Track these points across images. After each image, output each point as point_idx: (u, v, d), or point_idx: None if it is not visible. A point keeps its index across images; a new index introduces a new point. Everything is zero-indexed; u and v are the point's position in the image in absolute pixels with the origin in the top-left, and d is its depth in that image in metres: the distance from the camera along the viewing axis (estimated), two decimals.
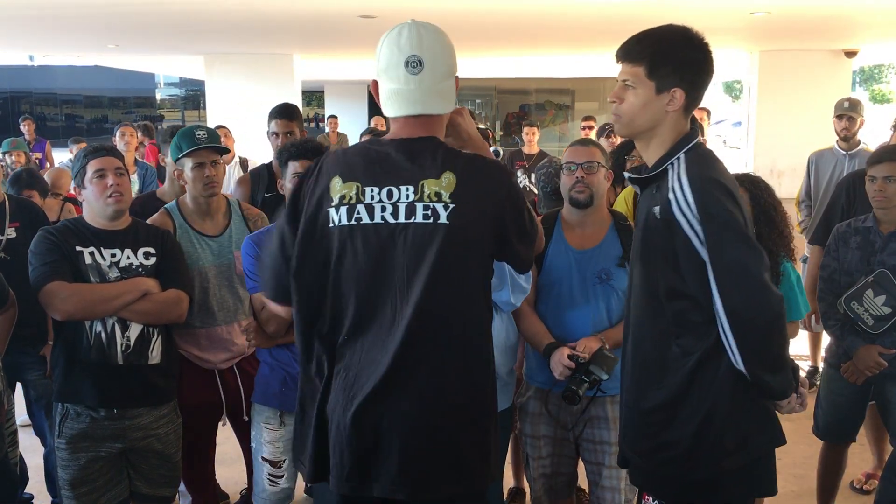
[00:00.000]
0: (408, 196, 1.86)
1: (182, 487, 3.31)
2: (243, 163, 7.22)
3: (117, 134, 7.33)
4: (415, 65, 1.88)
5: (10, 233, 3.48)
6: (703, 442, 2.01)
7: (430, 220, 1.85)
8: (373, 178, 1.89)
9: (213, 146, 3.06)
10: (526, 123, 8.29)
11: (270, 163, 4.04)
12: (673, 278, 1.99)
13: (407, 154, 1.89)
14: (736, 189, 2.01)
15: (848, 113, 5.15)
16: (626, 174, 2.18)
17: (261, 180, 3.94)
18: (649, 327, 2.08)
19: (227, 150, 3.20)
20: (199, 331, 3.08)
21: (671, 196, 1.95)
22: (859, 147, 5.20)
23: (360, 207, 1.88)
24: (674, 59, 1.98)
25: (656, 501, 2.20)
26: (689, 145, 2.01)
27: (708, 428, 2.00)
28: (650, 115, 2.01)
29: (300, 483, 2.97)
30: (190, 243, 3.07)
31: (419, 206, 1.85)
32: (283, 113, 3.98)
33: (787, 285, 2.84)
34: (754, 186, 2.88)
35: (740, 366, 1.93)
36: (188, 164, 3.04)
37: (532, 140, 7.86)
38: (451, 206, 1.85)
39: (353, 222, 1.88)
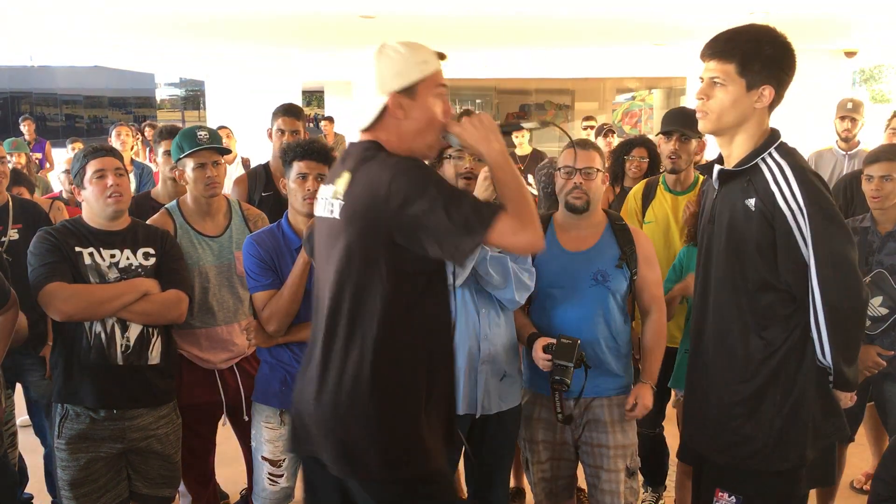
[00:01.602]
0: (331, 193, 2.01)
1: (182, 487, 3.31)
2: (245, 163, 7.23)
3: (113, 134, 7.33)
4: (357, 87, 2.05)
5: (13, 234, 3.49)
6: (790, 433, 2.05)
7: (332, 216, 1.99)
8: (329, 175, 2.10)
9: (214, 147, 3.06)
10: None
11: (267, 163, 4.05)
12: (765, 270, 2.04)
13: (344, 155, 2.05)
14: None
15: (850, 114, 5.16)
16: (716, 167, 2.20)
17: (258, 180, 3.95)
18: (734, 320, 2.12)
19: (228, 151, 3.20)
20: (199, 331, 3.09)
21: (774, 188, 2.02)
22: (859, 147, 5.21)
23: (319, 202, 2.09)
24: (764, 57, 2.06)
25: (732, 497, 2.18)
26: (779, 141, 2.10)
27: (795, 419, 2.05)
28: (739, 111, 2.09)
29: (300, 483, 2.97)
30: (190, 243, 3.07)
31: (333, 202, 1.99)
32: (290, 111, 4.02)
33: None
34: None
35: (826, 356, 1.99)
36: (189, 164, 3.05)
37: (521, 142, 7.86)
38: (342, 203, 1.95)
39: (316, 214, 2.11)
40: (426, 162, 2.04)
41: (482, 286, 2.68)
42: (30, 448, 3.82)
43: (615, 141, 7.71)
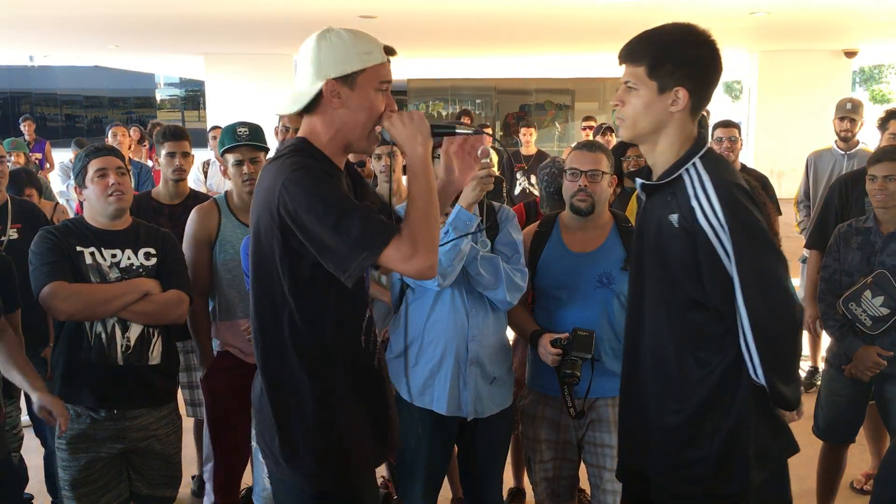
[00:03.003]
0: None
1: (208, 486, 3.31)
2: None
3: (109, 134, 7.34)
4: (295, 68, 1.97)
5: (13, 233, 3.49)
6: (732, 456, 1.97)
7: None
8: None
9: (252, 144, 3.11)
10: (523, 124, 8.22)
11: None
12: (693, 289, 1.94)
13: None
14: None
15: (850, 115, 5.15)
16: (638, 181, 2.09)
17: None
18: (668, 339, 2.02)
19: (267, 148, 3.21)
20: (241, 321, 3.07)
21: (694, 204, 1.89)
22: (858, 147, 5.21)
23: None
24: (675, 57, 1.92)
25: None
26: (703, 150, 1.96)
27: (735, 441, 1.96)
28: (653, 116, 1.95)
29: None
30: (234, 234, 3.11)
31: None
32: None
33: None
34: (755, 180, 2.88)
35: (759, 377, 1.90)
36: (230, 160, 3.12)
37: (529, 141, 7.83)
38: (253, 204, 1.95)
39: None
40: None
41: (473, 286, 2.66)
42: (30, 448, 3.82)
43: (614, 140, 7.70)
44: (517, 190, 7.23)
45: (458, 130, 2.07)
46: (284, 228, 1.80)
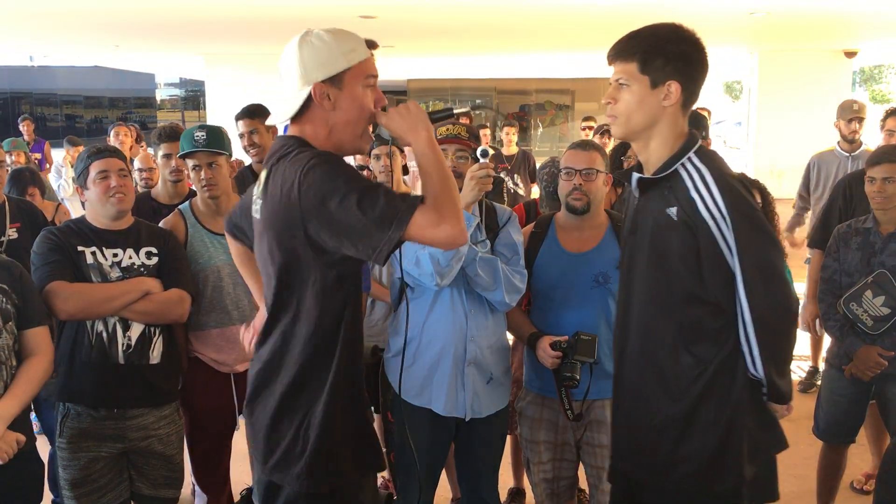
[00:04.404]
0: (256, 192, 1.98)
1: (197, 489, 3.31)
2: (238, 165, 7.21)
3: (111, 133, 7.34)
4: (280, 75, 1.95)
5: (12, 233, 3.50)
6: (726, 450, 1.96)
7: (256, 215, 1.97)
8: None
9: (208, 150, 3.04)
10: (505, 124, 8.26)
11: (251, 164, 4.13)
12: (691, 283, 1.94)
13: (269, 152, 1.97)
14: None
15: (858, 115, 5.13)
16: (634, 176, 2.09)
17: (245, 182, 3.96)
18: (661, 337, 2.01)
19: (224, 153, 3.17)
20: (213, 331, 3.08)
21: (694, 196, 1.90)
22: (861, 149, 5.20)
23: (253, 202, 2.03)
24: (666, 52, 1.94)
25: None
26: (698, 145, 1.97)
27: (730, 437, 1.96)
28: (647, 111, 1.96)
29: None
30: (202, 242, 3.07)
31: (257, 201, 1.96)
32: (246, 113, 4.19)
33: None
34: (752, 187, 2.88)
35: (758, 369, 1.91)
36: (189, 165, 3.07)
37: (511, 140, 7.86)
38: (260, 201, 1.92)
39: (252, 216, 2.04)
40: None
41: (472, 287, 2.66)
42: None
43: (611, 143, 7.70)
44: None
45: (455, 111, 2.09)
46: (306, 221, 1.77)
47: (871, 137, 5.51)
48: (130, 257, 2.79)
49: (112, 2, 8.32)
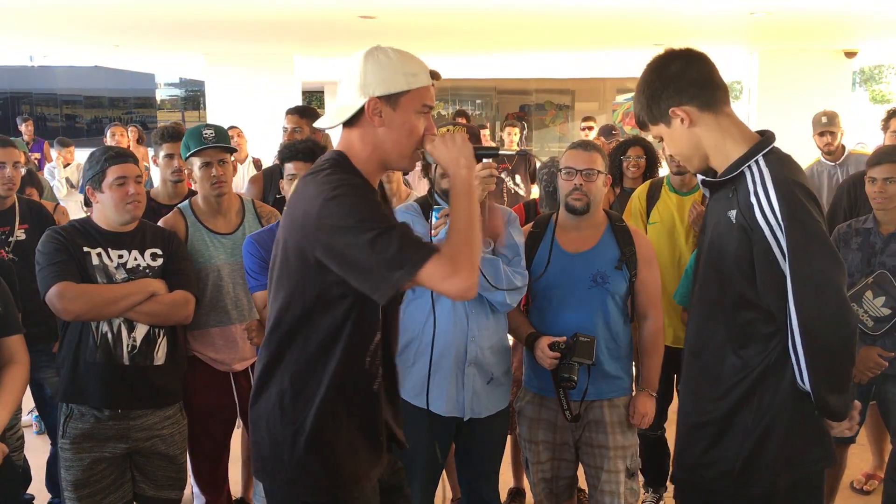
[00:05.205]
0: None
1: (196, 489, 3.31)
2: (256, 163, 7.23)
3: (108, 133, 7.34)
4: (340, 81, 1.97)
5: (20, 234, 3.51)
6: (761, 458, 1.96)
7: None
8: None
9: (219, 146, 3.06)
10: (506, 124, 8.27)
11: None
12: (744, 286, 1.94)
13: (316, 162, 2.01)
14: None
15: (828, 128, 5.17)
16: (699, 177, 2.12)
17: (273, 179, 3.97)
18: (710, 336, 2.03)
19: (234, 150, 3.21)
20: (213, 330, 3.08)
21: (753, 200, 1.90)
22: (846, 154, 5.23)
23: None
24: (652, 97, 2.02)
25: None
26: (768, 148, 1.97)
27: (766, 444, 1.95)
28: (685, 143, 2.03)
29: None
30: (202, 242, 3.08)
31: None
32: (296, 110, 4.30)
33: None
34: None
35: (805, 384, 1.88)
36: (196, 163, 3.07)
37: (512, 141, 7.86)
38: (286, 208, 1.96)
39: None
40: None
41: None
42: (31, 448, 3.82)
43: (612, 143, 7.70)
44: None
45: (501, 152, 2.08)
46: (318, 246, 1.79)
47: (870, 137, 5.52)
48: (136, 259, 2.79)
49: (112, 2, 8.32)
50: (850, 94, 14.59)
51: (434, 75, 1.95)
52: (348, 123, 1.92)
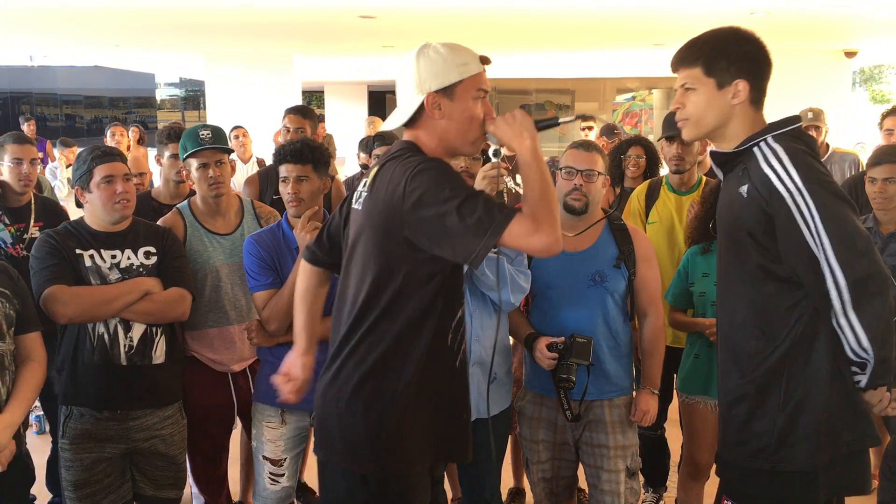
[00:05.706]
0: (363, 185, 2.06)
1: (195, 489, 3.31)
2: (260, 163, 7.22)
3: (108, 133, 7.35)
4: (398, 85, 2.06)
5: (35, 232, 3.52)
6: (795, 433, 1.97)
7: (357, 207, 2.06)
8: (369, 169, 2.12)
9: (217, 147, 3.06)
10: None
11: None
12: (762, 257, 1.97)
13: (386, 151, 2.10)
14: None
15: (814, 123, 5.17)
16: (709, 149, 2.15)
17: (270, 180, 3.96)
18: (733, 313, 2.07)
19: (230, 150, 3.20)
20: (211, 331, 3.08)
21: (767, 171, 1.94)
22: (830, 151, 5.24)
23: (356, 194, 2.12)
24: (728, 53, 2.01)
25: None
26: (781, 130, 2.00)
27: (800, 418, 1.97)
28: (717, 111, 2.03)
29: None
30: (201, 242, 3.07)
31: (362, 193, 2.05)
32: (295, 110, 4.24)
33: None
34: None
35: (862, 343, 1.86)
36: (193, 164, 3.06)
37: None
38: (365, 194, 2.02)
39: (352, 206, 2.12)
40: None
41: (476, 286, 2.67)
42: (32, 448, 3.81)
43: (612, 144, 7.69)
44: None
45: (561, 120, 2.14)
46: (406, 221, 1.86)
47: (871, 137, 5.53)
48: (129, 258, 2.78)
49: (112, 2, 8.32)
50: (850, 94, 14.60)
51: (484, 60, 2.04)
52: (410, 123, 2.02)
